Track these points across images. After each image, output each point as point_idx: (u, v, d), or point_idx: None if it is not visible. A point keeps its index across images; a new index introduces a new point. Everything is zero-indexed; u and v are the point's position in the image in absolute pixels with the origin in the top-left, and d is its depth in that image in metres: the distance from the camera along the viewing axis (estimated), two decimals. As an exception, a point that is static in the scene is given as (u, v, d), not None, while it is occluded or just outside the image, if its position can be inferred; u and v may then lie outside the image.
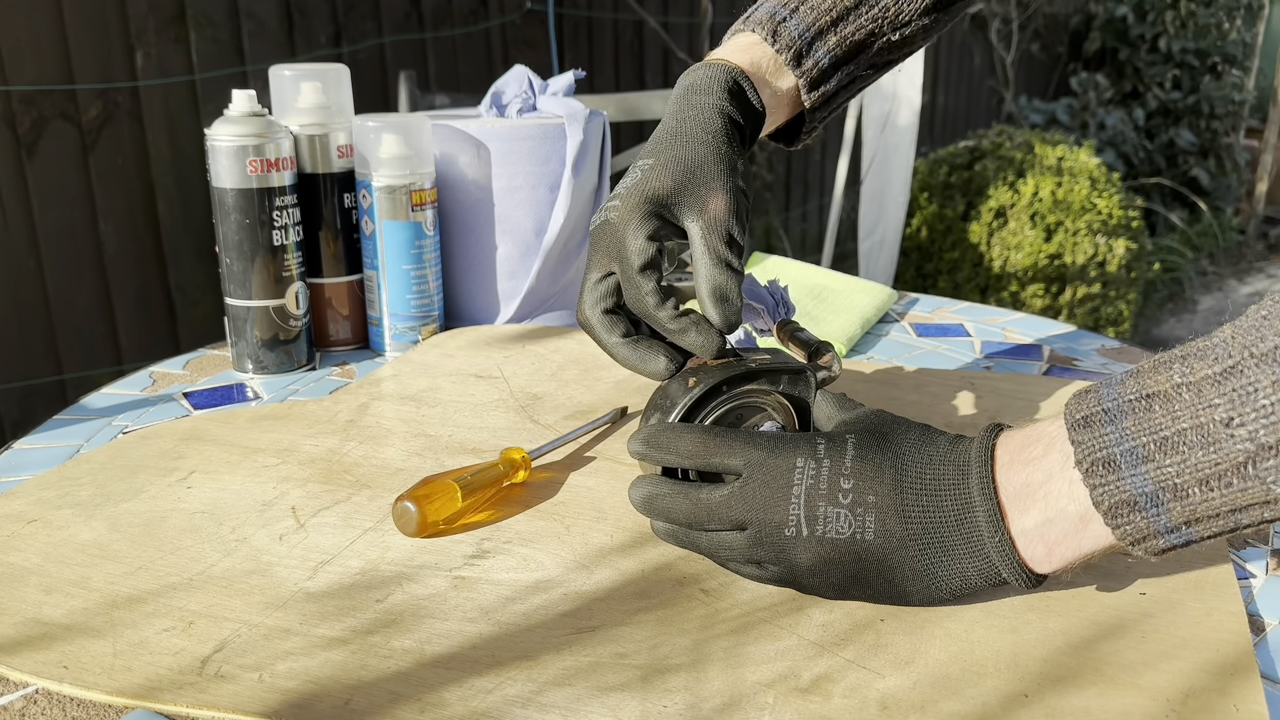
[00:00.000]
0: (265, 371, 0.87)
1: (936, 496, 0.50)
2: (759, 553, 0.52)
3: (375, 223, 0.88)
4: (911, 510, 0.50)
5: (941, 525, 0.50)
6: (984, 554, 0.49)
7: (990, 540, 0.49)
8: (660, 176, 0.59)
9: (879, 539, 0.50)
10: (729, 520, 0.53)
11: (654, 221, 0.58)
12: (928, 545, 0.50)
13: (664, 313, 0.57)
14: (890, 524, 0.50)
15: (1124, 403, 0.46)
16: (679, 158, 0.59)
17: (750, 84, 0.63)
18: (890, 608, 0.53)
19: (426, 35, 2.32)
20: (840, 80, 0.66)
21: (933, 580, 0.51)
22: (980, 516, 0.49)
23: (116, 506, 0.64)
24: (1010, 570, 0.49)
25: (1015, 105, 4.55)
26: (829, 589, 0.52)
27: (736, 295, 0.57)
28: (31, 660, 0.49)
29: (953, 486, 0.50)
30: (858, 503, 0.51)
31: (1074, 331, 0.96)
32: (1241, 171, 4.97)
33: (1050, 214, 2.98)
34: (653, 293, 0.57)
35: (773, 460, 0.52)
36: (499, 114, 0.98)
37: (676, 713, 0.45)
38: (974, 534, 0.49)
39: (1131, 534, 0.46)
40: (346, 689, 0.47)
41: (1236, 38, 4.98)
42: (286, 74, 0.89)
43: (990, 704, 0.46)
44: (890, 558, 0.50)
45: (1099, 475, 0.46)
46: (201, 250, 1.96)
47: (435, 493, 0.60)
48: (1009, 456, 0.50)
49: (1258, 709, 0.45)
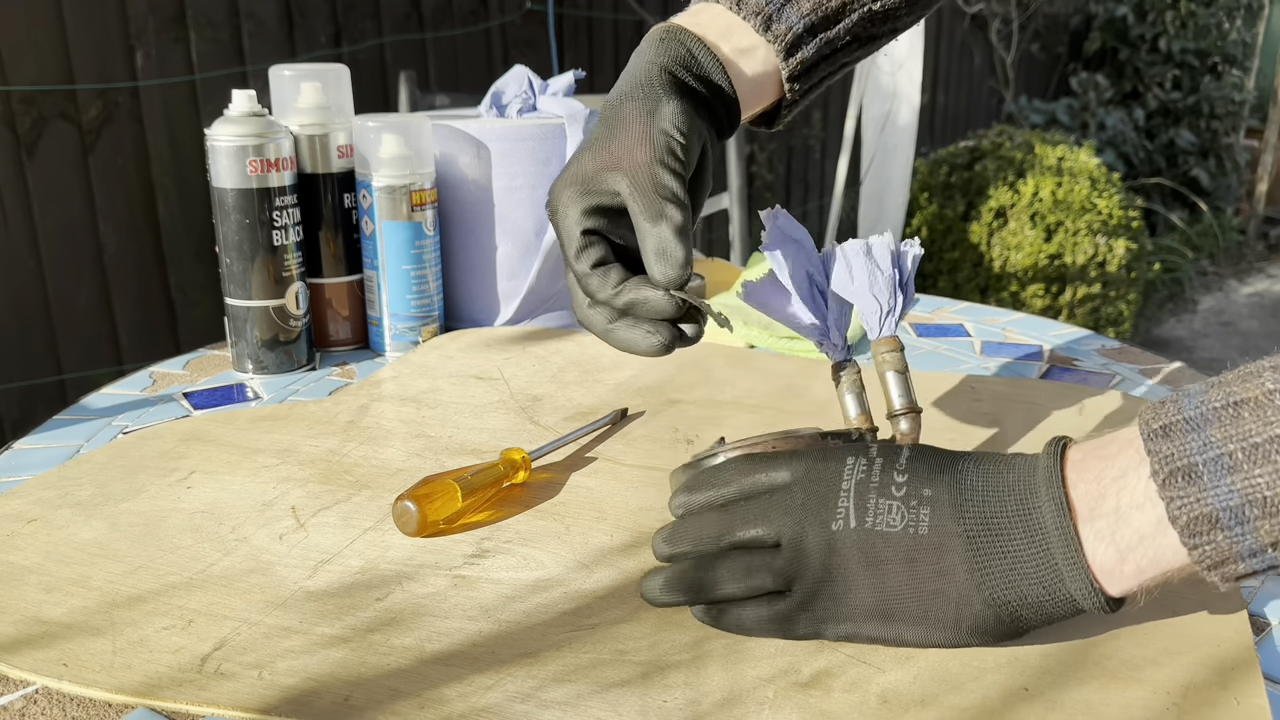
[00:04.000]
0: (265, 372, 0.87)
1: (999, 495, 0.47)
2: (794, 566, 0.48)
3: (375, 223, 0.88)
4: (969, 505, 0.47)
5: (1003, 526, 0.46)
6: (1050, 562, 0.45)
7: (1057, 544, 0.45)
8: (584, 155, 0.55)
9: (934, 534, 0.47)
10: (766, 527, 0.49)
11: (583, 201, 0.54)
12: (987, 547, 0.46)
13: (605, 293, 0.53)
14: (946, 519, 0.47)
15: (1209, 410, 0.42)
16: (601, 132, 0.56)
17: (701, 44, 0.58)
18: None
19: (426, 35, 2.32)
20: (819, 49, 0.61)
21: (992, 588, 0.46)
22: (1047, 519, 0.45)
23: (116, 506, 0.64)
24: (1079, 581, 0.45)
25: (1015, 105, 4.55)
26: (873, 613, 0.48)
27: (676, 245, 0.52)
28: (31, 658, 0.49)
29: (1017, 485, 0.47)
30: (912, 495, 0.47)
31: (1074, 331, 0.96)
32: (1241, 171, 4.97)
33: (1050, 214, 2.98)
34: (586, 276, 0.54)
35: (821, 465, 0.50)
36: (499, 114, 0.98)
37: (677, 708, 0.46)
38: (1038, 534, 0.45)
39: (1211, 555, 0.42)
40: (346, 685, 0.47)
41: (1236, 38, 4.97)
42: (286, 74, 0.89)
43: (991, 698, 0.46)
44: (946, 558, 0.46)
45: (1178, 487, 0.42)
46: (201, 250, 1.96)
47: (435, 492, 0.60)
48: (1078, 466, 0.46)
49: (1259, 702, 0.45)
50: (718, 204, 2.20)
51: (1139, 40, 4.82)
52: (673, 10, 3.06)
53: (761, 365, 0.87)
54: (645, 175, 0.53)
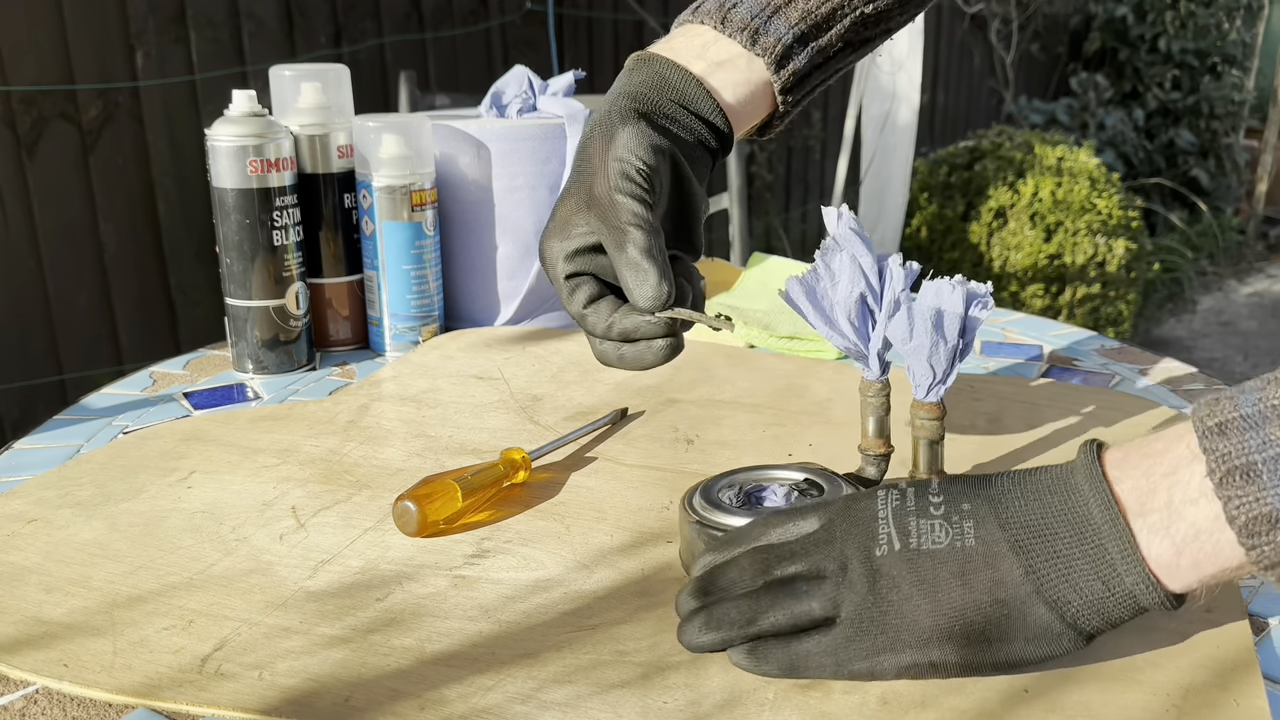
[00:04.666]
0: (265, 371, 0.87)
1: (1039, 498, 0.45)
2: (842, 594, 0.47)
3: (375, 223, 0.88)
4: (1012, 512, 0.45)
5: (1050, 528, 0.45)
6: (1105, 558, 0.44)
7: (1110, 539, 0.43)
8: (560, 202, 0.57)
9: (981, 544, 0.45)
10: (809, 562, 0.48)
11: (563, 246, 0.56)
12: (1038, 549, 0.45)
13: (601, 328, 0.55)
14: (992, 528, 0.45)
15: (1267, 408, 0.41)
16: (572, 174, 0.57)
17: (672, 65, 0.58)
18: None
19: (426, 35, 2.32)
20: (811, 58, 0.60)
21: (1052, 590, 0.44)
22: (1095, 515, 0.44)
23: (117, 506, 0.64)
24: (1136, 575, 0.43)
25: (1015, 105, 4.55)
26: (934, 637, 0.45)
27: (646, 267, 0.52)
28: (32, 659, 0.49)
29: (1057, 486, 0.45)
30: (952, 511, 0.46)
31: (1074, 331, 0.96)
32: (1241, 171, 4.98)
33: (1050, 214, 2.98)
34: (582, 316, 0.56)
35: (852, 504, 0.49)
36: (499, 114, 0.98)
37: (677, 709, 0.46)
38: (1088, 532, 0.44)
39: (1270, 556, 0.41)
40: (347, 686, 0.47)
41: (1236, 38, 4.98)
42: (286, 74, 0.89)
43: (991, 699, 0.46)
44: (999, 566, 0.45)
45: (1235, 486, 0.41)
46: (202, 250, 1.96)
47: (435, 492, 0.60)
48: (1120, 464, 0.45)
49: (1258, 704, 0.45)
50: (717, 204, 2.20)
51: (1139, 40, 4.82)
52: (673, 10, 3.06)
53: (761, 365, 0.87)
54: (606, 206, 0.54)
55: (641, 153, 0.54)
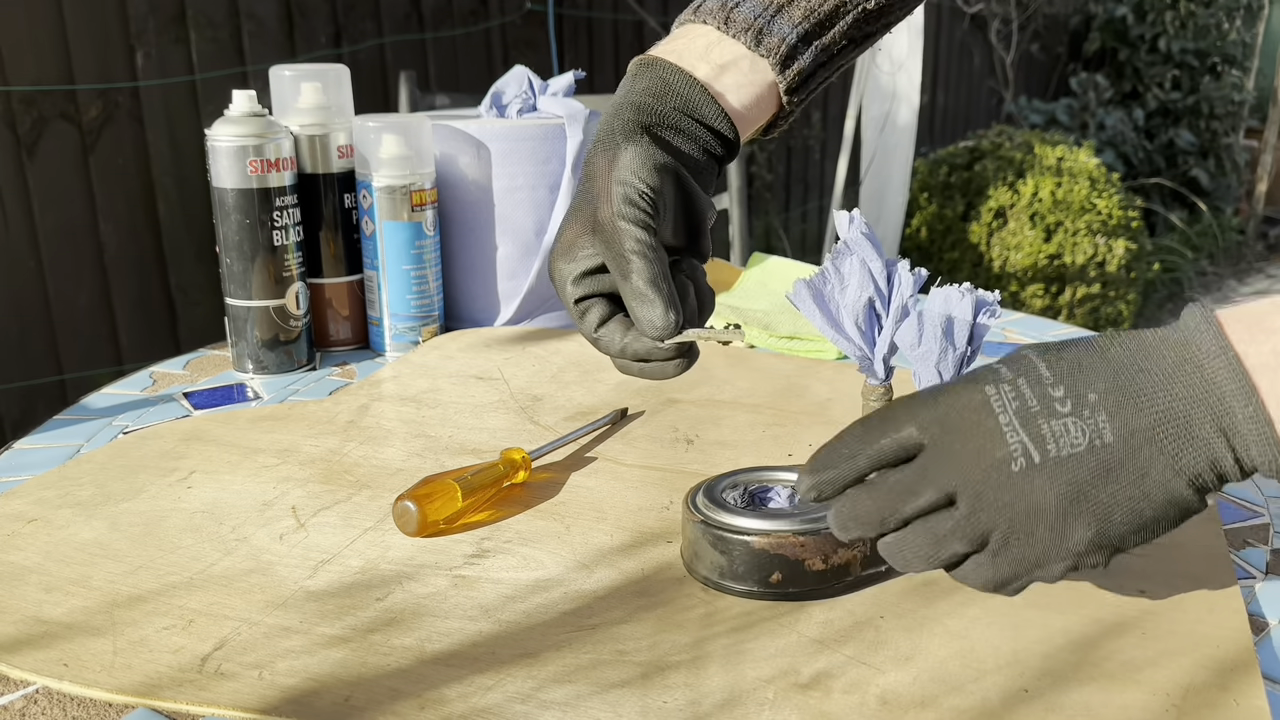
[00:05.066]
0: (265, 371, 0.87)
1: (1167, 380, 0.43)
2: (984, 521, 0.43)
3: (375, 223, 0.88)
4: (1143, 399, 0.43)
5: (1183, 409, 0.42)
6: (1235, 429, 0.42)
7: (1240, 407, 0.42)
8: (566, 222, 0.57)
9: (1119, 439, 0.42)
10: (934, 489, 0.44)
11: (570, 270, 0.56)
12: (1171, 434, 0.42)
13: (614, 350, 0.56)
14: (1127, 418, 0.42)
15: None
16: (578, 192, 0.58)
17: (676, 70, 0.57)
18: (891, 604, 0.53)
19: (426, 35, 2.32)
20: (815, 57, 0.60)
21: (1191, 470, 0.42)
22: (1225, 385, 0.42)
23: (117, 506, 0.64)
24: (1260, 443, 0.41)
25: (1015, 105, 4.56)
26: (1093, 544, 0.43)
27: (651, 297, 0.53)
28: (32, 658, 0.49)
29: (1182, 360, 0.43)
30: (1081, 405, 0.43)
31: (1074, 331, 0.96)
32: (1241, 172, 4.98)
33: (1050, 214, 2.98)
34: (594, 339, 0.57)
35: (953, 404, 0.44)
36: (499, 114, 0.98)
37: (677, 709, 0.46)
38: (1216, 403, 0.42)
39: None
40: (346, 686, 0.47)
41: (1236, 38, 4.98)
42: (286, 74, 0.89)
43: (990, 699, 0.46)
44: (1139, 455, 0.42)
45: None
46: (202, 250, 1.96)
47: (435, 492, 0.60)
48: (1242, 328, 0.43)
49: (1258, 704, 0.45)
50: (718, 204, 2.20)
51: (1139, 40, 4.82)
52: (673, 10, 3.06)
53: (761, 365, 0.88)
54: (610, 233, 0.54)
55: (645, 174, 0.54)
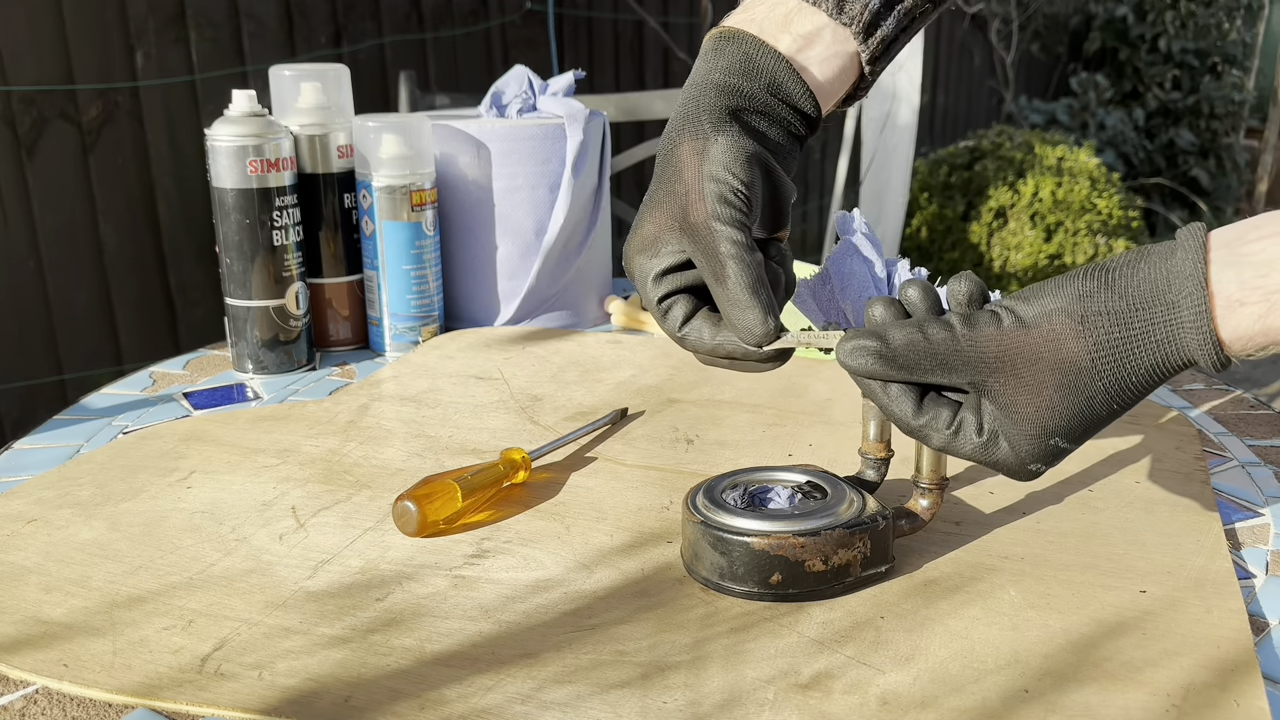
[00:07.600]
0: (265, 371, 0.87)
1: (1134, 267, 0.47)
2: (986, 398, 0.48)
3: (375, 223, 0.88)
4: (1112, 277, 0.47)
5: (1140, 284, 0.47)
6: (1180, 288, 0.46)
7: (1185, 271, 0.46)
8: (646, 213, 0.55)
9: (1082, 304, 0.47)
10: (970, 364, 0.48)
11: (653, 266, 0.54)
12: (1126, 310, 0.46)
13: (704, 349, 0.54)
14: (1088, 283, 0.47)
15: None
16: (658, 181, 0.55)
17: (759, 44, 0.54)
18: (891, 604, 0.53)
19: (426, 35, 2.32)
20: (899, 21, 0.57)
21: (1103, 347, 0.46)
22: (1183, 264, 0.46)
23: (116, 506, 0.64)
24: (1192, 306, 0.45)
25: (1015, 105, 4.56)
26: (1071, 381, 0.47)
27: (749, 302, 0.51)
28: (32, 659, 0.49)
29: (1157, 261, 0.47)
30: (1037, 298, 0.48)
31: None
32: (1241, 171, 4.98)
33: (1050, 214, 2.99)
34: (680, 339, 0.54)
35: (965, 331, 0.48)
36: (499, 114, 0.98)
37: (677, 709, 0.46)
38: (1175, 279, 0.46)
39: None
40: (346, 686, 0.47)
41: (1236, 38, 4.98)
42: (286, 74, 0.89)
43: (991, 700, 0.46)
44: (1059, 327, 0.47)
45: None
46: (201, 251, 1.96)
47: (435, 492, 0.60)
48: (1227, 242, 0.46)
49: (1259, 704, 0.45)
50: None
51: (1139, 40, 4.82)
52: (673, 9, 3.06)
53: (761, 365, 0.87)
54: (704, 234, 0.52)
55: (738, 170, 0.52)
